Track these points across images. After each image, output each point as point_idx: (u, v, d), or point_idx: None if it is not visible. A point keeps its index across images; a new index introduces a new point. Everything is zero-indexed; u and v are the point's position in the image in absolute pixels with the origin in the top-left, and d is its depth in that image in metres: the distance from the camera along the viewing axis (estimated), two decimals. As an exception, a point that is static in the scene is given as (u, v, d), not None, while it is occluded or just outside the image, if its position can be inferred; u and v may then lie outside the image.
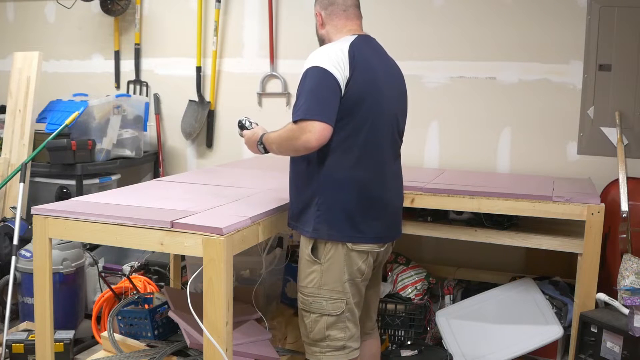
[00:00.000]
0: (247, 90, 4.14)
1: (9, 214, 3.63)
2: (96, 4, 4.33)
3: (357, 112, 2.15)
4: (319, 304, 2.22)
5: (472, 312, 3.16)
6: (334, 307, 2.21)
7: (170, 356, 2.38)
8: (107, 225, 2.11)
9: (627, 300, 2.75)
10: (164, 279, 3.34)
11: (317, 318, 2.23)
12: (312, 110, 2.04)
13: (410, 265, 3.40)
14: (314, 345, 2.27)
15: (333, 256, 2.19)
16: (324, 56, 2.12)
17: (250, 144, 2.33)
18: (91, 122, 3.77)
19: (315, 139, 2.03)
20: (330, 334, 2.23)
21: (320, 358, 2.26)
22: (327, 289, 2.20)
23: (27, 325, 3.09)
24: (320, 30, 2.33)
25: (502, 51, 3.61)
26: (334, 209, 2.17)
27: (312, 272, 2.22)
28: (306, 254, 2.23)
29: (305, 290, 2.25)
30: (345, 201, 2.17)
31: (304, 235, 2.24)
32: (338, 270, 2.20)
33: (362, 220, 2.19)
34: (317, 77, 2.08)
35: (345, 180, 2.17)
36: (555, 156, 3.56)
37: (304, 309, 2.27)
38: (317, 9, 2.33)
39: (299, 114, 2.06)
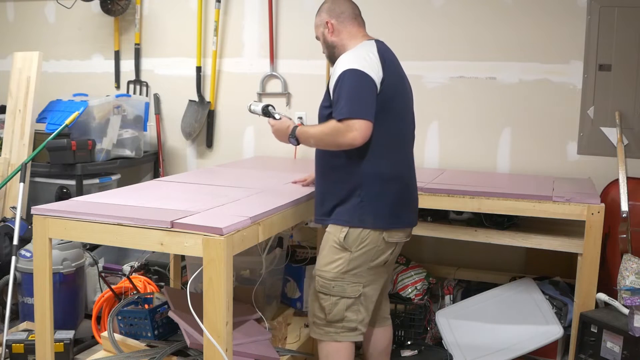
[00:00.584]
0: (247, 90, 4.14)
1: (9, 214, 3.63)
2: (96, 4, 4.33)
3: (390, 109, 2.35)
4: (340, 288, 2.38)
5: (472, 312, 3.16)
6: (353, 290, 2.39)
7: (170, 356, 2.38)
8: (107, 225, 2.11)
9: (627, 300, 2.75)
10: (164, 279, 3.34)
11: (337, 300, 2.39)
12: (355, 109, 2.22)
13: (410, 265, 3.40)
14: (329, 325, 2.42)
15: (367, 245, 2.36)
16: (359, 60, 2.31)
17: (280, 135, 2.49)
18: (91, 122, 3.78)
19: (361, 136, 2.22)
20: (347, 316, 2.40)
21: (334, 338, 2.42)
22: (352, 274, 2.38)
23: (27, 325, 3.09)
24: (332, 38, 2.47)
25: (502, 51, 3.61)
26: (379, 200, 2.36)
27: (339, 258, 2.38)
28: (335, 242, 2.38)
29: (327, 274, 2.39)
30: (387, 192, 2.37)
31: (342, 225, 2.37)
32: (366, 259, 2.38)
33: (400, 208, 2.42)
34: (355, 78, 2.27)
35: (386, 171, 2.36)
36: (555, 156, 3.56)
37: (322, 291, 2.40)
38: (325, 18, 2.47)
39: (344, 112, 2.22)
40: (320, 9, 2.52)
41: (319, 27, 2.51)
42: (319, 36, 2.53)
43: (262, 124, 4.07)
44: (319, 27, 2.51)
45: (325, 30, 2.47)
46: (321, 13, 2.50)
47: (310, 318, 2.50)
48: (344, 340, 2.42)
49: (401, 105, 2.43)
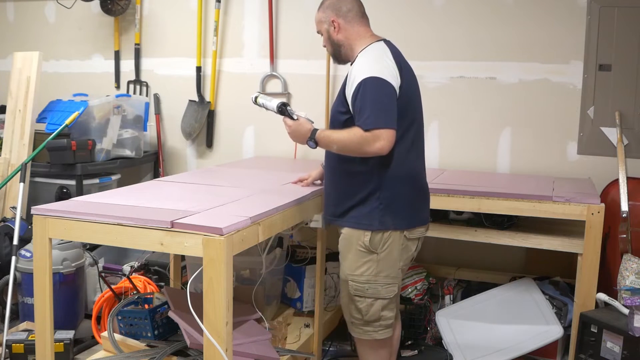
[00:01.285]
0: (247, 90, 4.13)
1: (9, 214, 3.63)
2: (96, 4, 4.33)
3: (407, 112, 2.38)
4: (374, 290, 2.43)
5: (472, 312, 3.16)
6: (388, 292, 2.45)
7: (170, 356, 2.38)
8: (107, 225, 2.11)
9: (627, 300, 2.75)
10: (164, 279, 3.34)
11: (372, 302, 2.44)
12: (381, 119, 2.25)
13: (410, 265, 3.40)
14: (367, 325, 2.48)
15: (390, 245, 2.41)
16: (377, 66, 2.32)
17: (298, 137, 2.46)
18: (91, 122, 3.78)
19: (388, 146, 2.26)
20: (383, 315, 2.47)
21: (373, 336, 2.49)
22: (383, 276, 2.42)
23: (27, 325, 3.09)
24: (337, 36, 2.45)
25: (502, 51, 3.61)
26: (398, 201, 2.40)
27: (367, 261, 2.42)
28: (360, 245, 2.41)
29: (359, 278, 2.43)
30: (406, 193, 2.42)
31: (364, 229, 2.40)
32: (394, 258, 2.43)
33: (417, 207, 2.49)
34: (377, 86, 2.28)
35: (404, 173, 2.41)
36: (555, 156, 3.56)
37: (357, 294, 2.45)
38: (330, 16, 2.43)
39: (373, 122, 2.24)
40: (324, 4, 2.47)
41: (323, 23, 2.46)
42: (322, 32, 2.49)
43: (262, 124, 4.08)
44: (322, 23, 2.47)
45: (331, 28, 2.44)
46: (326, 9, 2.45)
47: (348, 318, 2.55)
48: (383, 337, 2.49)
49: (416, 108, 2.46)
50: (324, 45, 2.53)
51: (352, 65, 2.40)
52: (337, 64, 2.61)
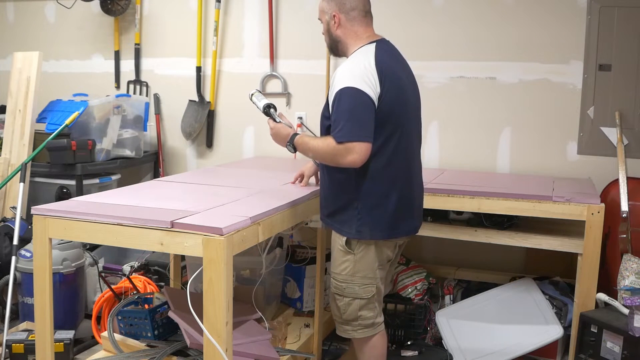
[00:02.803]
0: (247, 91, 4.11)
1: (9, 214, 3.63)
2: (96, 4, 4.33)
3: (389, 122, 2.31)
4: (351, 289, 2.44)
5: (472, 312, 3.16)
6: (366, 292, 2.44)
7: (170, 356, 2.38)
8: (107, 225, 2.11)
9: (627, 300, 2.75)
10: (164, 279, 3.34)
11: (350, 301, 2.45)
12: (355, 132, 2.21)
13: (410, 265, 3.40)
14: (346, 324, 2.50)
15: (366, 249, 2.41)
16: (355, 75, 2.25)
17: (278, 139, 2.47)
18: (91, 122, 3.77)
19: (360, 159, 2.22)
20: (362, 314, 2.46)
21: (352, 335, 2.51)
22: (360, 276, 2.43)
23: (27, 325, 3.09)
24: (337, 32, 2.41)
25: (502, 51, 3.61)
26: (375, 214, 2.37)
27: (345, 260, 2.44)
28: (339, 245, 2.44)
29: (338, 276, 2.47)
30: (384, 205, 2.36)
31: (343, 235, 2.41)
32: (370, 259, 2.42)
33: (399, 219, 2.41)
34: (353, 97, 2.22)
35: (382, 188, 2.35)
36: (555, 156, 3.56)
37: (337, 293, 2.48)
38: (333, 9, 2.38)
39: (343, 135, 2.21)
40: None
41: (325, 13, 2.42)
42: (323, 22, 2.46)
43: (262, 124, 4.07)
44: (324, 13, 2.42)
45: (331, 21, 2.40)
46: (330, 1, 2.39)
47: (333, 316, 2.58)
48: (362, 336, 2.49)
49: (402, 116, 2.36)
50: (323, 33, 2.49)
51: (337, 68, 2.35)
52: (334, 56, 2.60)
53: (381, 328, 2.53)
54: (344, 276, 2.45)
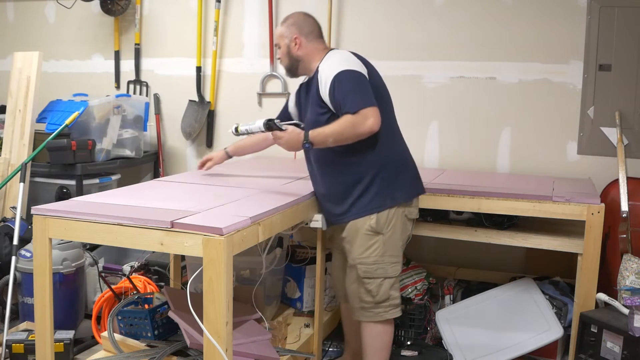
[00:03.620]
0: (247, 90, 4.14)
1: (9, 214, 3.63)
2: (96, 4, 4.33)
3: (382, 97, 2.56)
4: (382, 270, 2.61)
5: (472, 312, 3.16)
6: (394, 270, 2.65)
7: (170, 356, 2.38)
8: (107, 225, 2.11)
9: (627, 300, 2.75)
10: (164, 279, 3.34)
11: (381, 282, 2.62)
12: (365, 100, 2.41)
13: (410, 265, 3.40)
14: (377, 307, 2.64)
15: (394, 225, 2.60)
16: (344, 61, 2.51)
17: (293, 144, 2.53)
18: (91, 122, 3.78)
19: (377, 122, 2.40)
20: (392, 294, 2.65)
21: (384, 316, 2.65)
22: (389, 255, 2.62)
23: (27, 325, 3.09)
24: (297, 52, 2.64)
25: (502, 51, 3.61)
26: (399, 176, 2.62)
27: (374, 242, 2.60)
28: (367, 230, 2.59)
29: (368, 260, 2.61)
30: (402, 168, 2.64)
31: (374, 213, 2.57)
32: (397, 238, 2.63)
33: (414, 180, 2.70)
34: (351, 76, 2.46)
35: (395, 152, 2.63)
36: (555, 156, 3.56)
37: (366, 277, 2.62)
38: (294, 33, 2.63)
39: (357, 104, 2.40)
40: (289, 21, 2.67)
41: (284, 38, 2.65)
42: (281, 46, 2.67)
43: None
44: (284, 37, 2.65)
45: (292, 44, 2.64)
46: (290, 26, 2.65)
47: (357, 304, 2.68)
48: (393, 316, 2.67)
49: (387, 95, 2.65)
50: (279, 57, 2.71)
51: (319, 70, 2.55)
52: (291, 77, 2.79)
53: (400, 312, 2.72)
54: (374, 258, 2.60)
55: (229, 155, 3.12)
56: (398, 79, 3.76)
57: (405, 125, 2.81)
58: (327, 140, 2.46)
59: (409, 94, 3.76)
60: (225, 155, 3.11)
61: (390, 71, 3.76)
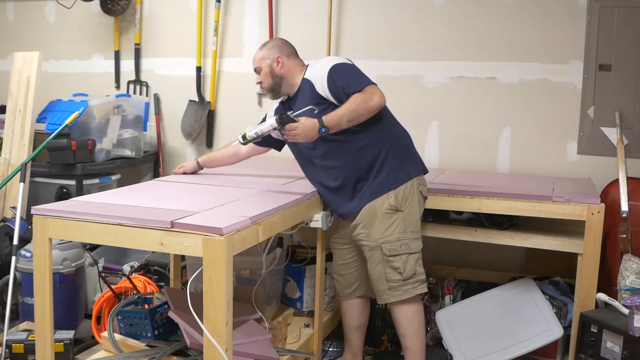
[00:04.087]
0: (247, 90, 4.14)
1: (9, 214, 3.63)
2: (96, 4, 4.33)
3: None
4: (406, 246, 2.68)
5: (472, 312, 3.16)
6: (416, 246, 2.72)
7: (170, 356, 2.38)
8: (107, 225, 2.11)
9: (627, 300, 2.75)
10: (164, 279, 3.34)
11: (407, 258, 2.68)
12: (367, 79, 2.58)
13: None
14: (405, 284, 2.68)
15: (411, 201, 2.69)
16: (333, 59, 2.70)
17: (310, 132, 2.51)
18: (91, 122, 3.78)
19: (383, 95, 2.54)
20: (417, 270, 2.71)
21: (412, 292, 2.70)
22: (410, 231, 2.70)
23: (27, 325, 3.09)
24: (280, 70, 2.75)
25: (502, 51, 3.61)
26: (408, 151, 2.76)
27: (394, 220, 2.67)
28: (386, 209, 2.66)
29: (391, 237, 2.67)
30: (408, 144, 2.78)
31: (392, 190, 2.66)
32: (415, 213, 2.72)
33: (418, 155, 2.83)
34: (346, 65, 2.64)
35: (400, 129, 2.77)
36: (555, 156, 3.56)
37: (391, 255, 2.67)
38: (276, 54, 2.75)
39: (360, 84, 2.55)
40: (269, 44, 2.82)
41: (266, 59, 2.76)
42: (262, 67, 2.76)
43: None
44: (265, 59, 2.76)
45: (274, 64, 2.74)
46: (271, 49, 2.78)
47: (384, 287, 2.71)
48: (422, 291, 2.72)
49: None
50: (259, 82, 2.80)
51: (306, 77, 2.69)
52: (272, 99, 2.85)
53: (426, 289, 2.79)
54: (397, 235, 2.66)
55: (200, 166, 3.13)
56: (398, 79, 3.76)
57: (405, 125, 2.81)
58: (342, 120, 2.50)
59: (409, 94, 3.76)
60: (196, 166, 3.12)
61: (390, 71, 3.77)
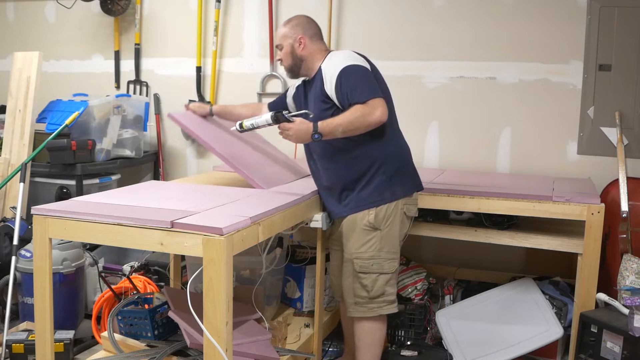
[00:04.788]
0: (247, 90, 4.14)
1: (9, 214, 3.63)
2: (96, 4, 4.33)
3: (384, 91, 2.58)
4: (378, 265, 2.63)
5: (472, 312, 3.16)
6: (390, 266, 2.65)
7: (170, 356, 2.38)
8: (107, 225, 2.11)
9: (627, 300, 2.75)
10: (164, 279, 3.34)
11: (377, 277, 2.63)
12: (372, 91, 2.47)
13: (410, 265, 3.40)
14: (371, 302, 2.65)
15: (392, 222, 2.62)
16: (348, 58, 2.57)
17: (302, 135, 2.49)
18: (91, 122, 3.78)
19: (385, 112, 2.44)
20: (387, 290, 2.66)
21: (377, 311, 2.66)
22: (385, 251, 2.63)
23: (27, 325, 3.09)
24: (302, 52, 2.68)
25: (502, 51, 3.61)
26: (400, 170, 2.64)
27: (371, 238, 2.62)
28: (365, 225, 2.61)
29: (364, 255, 2.63)
30: (403, 163, 2.67)
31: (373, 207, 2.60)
32: (394, 234, 2.65)
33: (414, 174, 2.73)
34: (359, 70, 2.53)
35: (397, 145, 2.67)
36: (555, 156, 3.56)
37: (362, 271, 2.64)
38: (299, 34, 2.68)
39: (366, 95, 2.44)
40: (292, 22, 2.72)
41: (288, 38, 2.69)
42: (284, 46, 2.70)
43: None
44: (287, 38, 2.69)
45: (296, 44, 2.68)
46: (294, 27, 2.69)
47: (352, 300, 2.69)
48: (387, 312, 2.68)
49: (388, 92, 2.65)
50: (280, 59, 2.74)
51: (321, 69, 2.61)
52: (292, 78, 2.81)
53: (397, 309, 2.73)
54: (371, 253, 2.62)
55: (211, 114, 3.16)
56: (398, 79, 3.76)
57: (405, 125, 2.82)
58: (337, 130, 2.45)
59: (409, 94, 3.76)
60: (208, 113, 3.15)
61: (391, 71, 3.76)
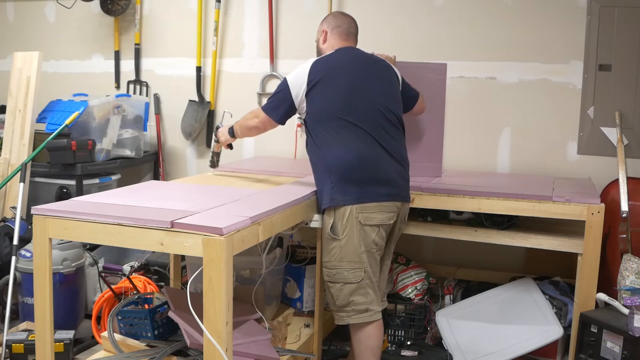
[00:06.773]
0: (247, 90, 4.14)
1: (9, 214, 3.63)
2: (96, 4, 4.33)
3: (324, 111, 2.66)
4: (341, 275, 2.61)
5: (472, 312, 3.16)
6: (355, 276, 2.61)
7: (170, 356, 2.38)
8: (107, 225, 2.11)
9: (627, 300, 2.75)
10: (164, 279, 3.34)
11: (341, 287, 2.62)
12: (269, 106, 2.80)
13: (410, 265, 3.40)
14: (340, 310, 2.65)
15: (349, 232, 2.58)
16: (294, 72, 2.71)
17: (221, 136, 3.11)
18: (91, 122, 3.78)
19: (261, 122, 2.84)
20: (353, 300, 2.62)
21: (347, 321, 2.65)
22: (347, 261, 2.60)
23: (27, 325, 3.09)
24: (321, 45, 2.85)
25: (502, 51, 3.61)
26: (343, 179, 2.58)
27: (333, 247, 2.63)
28: (327, 233, 2.64)
29: (328, 264, 2.65)
30: (351, 171, 2.57)
31: (322, 206, 2.65)
32: (354, 244, 2.59)
33: (368, 184, 2.58)
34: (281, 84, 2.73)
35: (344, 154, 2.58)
36: (555, 156, 3.56)
37: (329, 280, 2.66)
38: (324, 27, 2.84)
39: (265, 105, 2.80)
40: (325, 18, 2.90)
41: (318, 32, 2.88)
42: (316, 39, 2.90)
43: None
44: (318, 32, 2.88)
45: (320, 37, 2.85)
46: (323, 22, 2.87)
47: (330, 306, 2.73)
48: (357, 321, 2.63)
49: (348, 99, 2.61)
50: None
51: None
52: None
53: (377, 317, 2.65)
54: (333, 262, 2.63)
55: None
56: (398, 79, 3.76)
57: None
58: (236, 129, 2.97)
59: (409, 94, 3.75)
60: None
61: (390, 71, 3.77)
